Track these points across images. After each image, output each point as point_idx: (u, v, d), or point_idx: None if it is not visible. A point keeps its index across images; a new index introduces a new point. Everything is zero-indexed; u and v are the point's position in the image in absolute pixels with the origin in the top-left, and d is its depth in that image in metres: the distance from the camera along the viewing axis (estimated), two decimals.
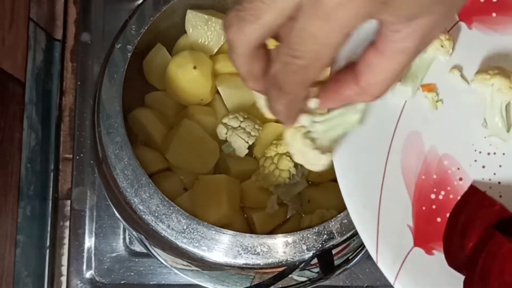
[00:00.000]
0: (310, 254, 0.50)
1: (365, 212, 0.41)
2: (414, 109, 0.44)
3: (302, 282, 0.56)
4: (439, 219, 0.42)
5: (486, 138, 0.43)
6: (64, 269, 0.69)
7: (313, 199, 0.58)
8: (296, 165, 0.56)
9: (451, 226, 0.42)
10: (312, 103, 0.38)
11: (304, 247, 0.50)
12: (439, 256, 0.41)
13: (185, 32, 0.61)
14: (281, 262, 0.50)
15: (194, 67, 0.58)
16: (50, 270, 0.69)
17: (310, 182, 0.59)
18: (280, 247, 0.50)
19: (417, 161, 0.43)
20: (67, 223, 0.70)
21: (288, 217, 0.60)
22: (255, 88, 0.38)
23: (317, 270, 0.53)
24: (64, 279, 0.69)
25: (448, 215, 0.42)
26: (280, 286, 0.54)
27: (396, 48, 0.34)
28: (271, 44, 0.36)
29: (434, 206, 0.42)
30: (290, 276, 0.51)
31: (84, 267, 0.68)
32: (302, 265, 0.51)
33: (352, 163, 0.42)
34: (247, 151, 0.58)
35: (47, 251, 0.69)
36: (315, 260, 0.50)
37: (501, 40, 0.45)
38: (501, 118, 0.43)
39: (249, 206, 0.59)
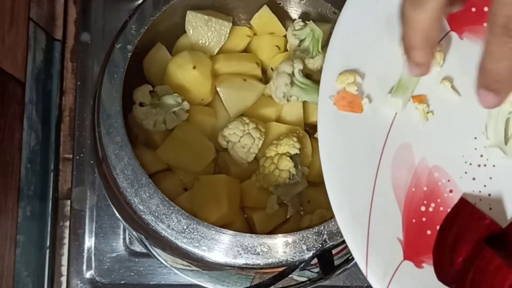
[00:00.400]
0: (310, 254, 0.50)
1: (355, 225, 0.41)
2: (405, 121, 0.43)
3: (302, 282, 0.56)
4: (429, 232, 0.42)
5: (477, 150, 0.43)
6: (64, 269, 0.69)
7: (313, 199, 0.58)
8: (296, 165, 0.56)
9: (441, 239, 0.41)
10: None
11: (304, 247, 0.50)
12: (429, 269, 0.41)
13: (185, 32, 0.61)
14: (281, 262, 0.50)
15: (194, 67, 0.58)
16: (50, 270, 0.69)
17: (310, 182, 0.59)
18: (280, 247, 0.50)
19: (408, 173, 0.42)
20: (67, 223, 0.70)
21: (288, 217, 0.60)
22: (423, 61, 0.35)
23: (317, 270, 0.53)
24: (64, 279, 0.69)
25: (438, 227, 0.42)
26: (280, 286, 0.54)
27: None
28: None
29: (424, 219, 0.42)
30: (290, 276, 0.51)
31: (84, 267, 0.68)
32: (302, 265, 0.51)
33: (342, 176, 0.42)
34: (246, 164, 0.58)
35: (47, 251, 0.69)
36: (315, 260, 0.50)
37: None
38: (502, 129, 0.43)
39: (249, 206, 0.59)
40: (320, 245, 0.50)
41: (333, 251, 0.51)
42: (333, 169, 0.42)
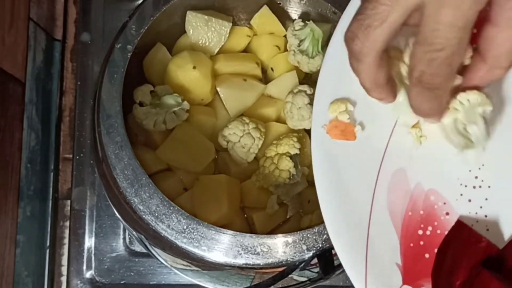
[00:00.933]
0: (310, 254, 0.50)
1: (353, 252, 0.41)
2: (398, 146, 0.43)
3: (302, 282, 0.56)
4: (427, 255, 0.42)
5: (471, 172, 0.43)
6: (64, 269, 0.69)
7: (313, 199, 0.58)
8: (296, 165, 0.56)
9: (439, 263, 0.41)
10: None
11: (304, 247, 0.50)
12: None
13: (185, 32, 0.61)
14: (281, 262, 0.50)
15: (194, 67, 0.58)
16: (50, 270, 0.69)
17: (310, 182, 0.59)
18: (280, 247, 0.50)
19: (404, 198, 0.42)
20: (67, 223, 0.70)
21: (288, 217, 0.60)
22: (380, 97, 0.39)
23: (317, 270, 0.53)
24: (64, 279, 0.69)
25: (436, 250, 0.42)
26: (280, 286, 0.54)
27: (509, 16, 0.34)
28: None
29: (422, 242, 0.42)
30: (290, 276, 0.51)
31: (84, 267, 0.68)
32: (302, 265, 0.51)
33: (338, 204, 0.42)
34: (246, 164, 0.58)
35: (47, 251, 0.69)
36: (315, 260, 0.50)
37: None
38: (482, 125, 0.42)
39: (249, 206, 0.59)
40: (320, 245, 0.50)
41: (333, 251, 0.51)
42: (329, 197, 0.42)
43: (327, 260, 0.50)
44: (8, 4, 0.61)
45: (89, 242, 0.68)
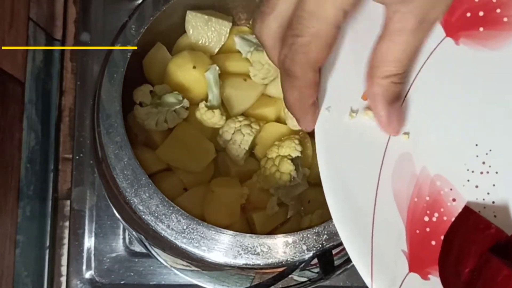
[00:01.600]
0: (310, 254, 0.50)
1: (358, 240, 0.41)
2: None
3: (302, 282, 0.56)
4: (433, 242, 0.41)
5: (479, 157, 0.42)
6: (63, 269, 0.69)
7: (313, 199, 0.58)
8: (297, 167, 0.56)
9: (445, 250, 0.41)
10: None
11: (304, 247, 0.50)
12: (435, 280, 0.41)
13: (185, 32, 0.61)
14: (281, 262, 0.50)
15: (194, 67, 0.58)
16: (50, 270, 0.69)
17: (310, 183, 0.59)
18: (280, 247, 0.50)
19: (409, 183, 0.42)
20: (67, 223, 0.70)
21: (288, 217, 0.60)
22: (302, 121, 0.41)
23: (317, 270, 0.53)
24: (63, 279, 0.69)
25: (442, 237, 0.41)
26: (280, 286, 0.54)
27: (394, 28, 0.36)
28: None
29: (428, 229, 0.41)
30: (290, 276, 0.51)
31: (84, 267, 0.68)
32: (302, 265, 0.51)
33: (342, 191, 0.42)
34: (242, 162, 0.58)
35: (47, 251, 0.69)
36: (315, 260, 0.50)
37: (489, 55, 0.44)
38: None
39: (249, 206, 0.59)
40: (320, 245, 0.50)
41: (333, 251, 0.51)
42: (333, 185, 0.42)
43: (327, 260, 0.50)
44: (8, 4, 0.61)
45: (88, 242, 0.68)
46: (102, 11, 0.72)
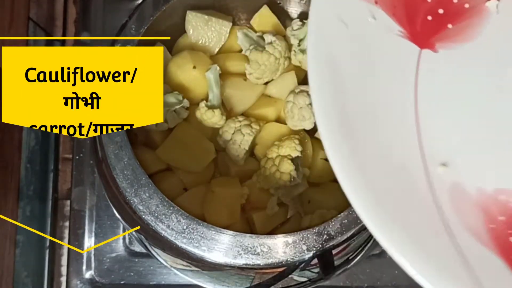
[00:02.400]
0: (310, 254, 0.50)
1: None
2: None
3: (302, 282, 0.56)
4: None
5: None
6: (63, 269, 0.69)
7: (313, 199, 0.58)
8: (297, 167, 0.56)
9: None
10: None
11: (304, 247, 0.50)
12: None
13: (185, 32, 0.61)
14: (281, 262, 0.50)
15: (194, 67, 0.58)
16: (50, 270, 0.69)
17: (310, 183, 0.59)
18: (280, 247, 0.50)
19: (475, 213, 0.36)
20: (67, 223, 0.70)
21: (288, 217, 0.60)
22: None
23: (317, 270, 0.53)
24: (63, 279, 0.69)
25: None
26: (280, 286, 0.54)
27: None
28: None
29: None
30: (290, 276, 0.51)
31: (84, 267, 0.68)
32: (302, 265, 0.51)
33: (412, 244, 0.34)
34: (242, 162, 0.58)
35: (47, 251, 0.69)
36: (315, 260, 0.50)
37: (472, 46, 0.41)
38: None
39: (249, 206, 0.59)
40: (320, 245, 0.50)
41: (333, 251, 0.51)
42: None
43: (327, 260, 0.50)
44: (8, 4, 0.61)
45: (88, 242, 0.68)
46: (102, 11, 0.72)
